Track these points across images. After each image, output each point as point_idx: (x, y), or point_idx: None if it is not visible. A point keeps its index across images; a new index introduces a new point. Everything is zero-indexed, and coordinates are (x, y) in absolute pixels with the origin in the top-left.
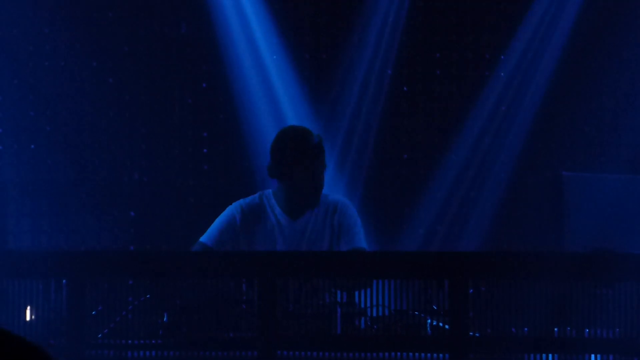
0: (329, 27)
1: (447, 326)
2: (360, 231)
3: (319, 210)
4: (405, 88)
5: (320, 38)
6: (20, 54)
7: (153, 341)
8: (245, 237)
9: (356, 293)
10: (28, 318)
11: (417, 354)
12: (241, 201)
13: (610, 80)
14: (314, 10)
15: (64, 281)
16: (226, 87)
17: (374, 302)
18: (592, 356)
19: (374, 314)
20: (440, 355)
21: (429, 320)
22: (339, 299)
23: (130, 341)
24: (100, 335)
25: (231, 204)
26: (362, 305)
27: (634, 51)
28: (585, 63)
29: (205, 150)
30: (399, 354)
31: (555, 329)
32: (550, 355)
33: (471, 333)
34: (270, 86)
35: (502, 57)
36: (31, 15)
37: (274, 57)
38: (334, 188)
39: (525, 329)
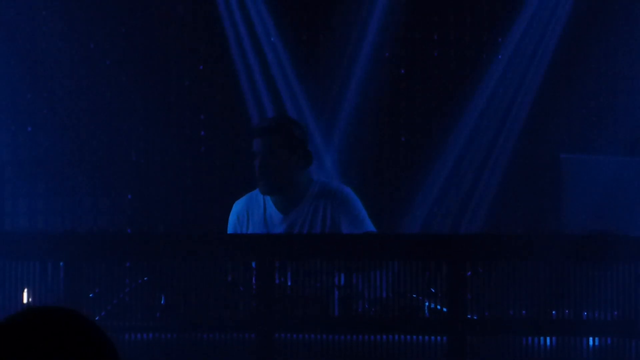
0: (327, 8)
1: (444, 309)
2: (365, 217)
3: (310, 202)
4: (402, 70)
5: (317, 19)
6: (18, 35)
7: (150, 323)
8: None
9: (354, 275)
10: (25, 300)
11: (414, 337)
12: (237, 202)
13: (607, 62)
14: None
15: (61, 263)
16: (223, 69)
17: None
18: (590, 338)
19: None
20: (438, 337)
21: (427, 303)
22: (336, 282)
23: (127, 323)
24: (97, 318)
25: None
26: (360, 288)
27: (631, 33)
28: (583, 45)
29: (202, 132)
30: (396, 336)
31: (553, 312)
32: (548, 338)
33: (469, 315)
34: (267, 68)
35: (499, 39)
36: None
37: (272, 39)
38: (331, 170)
39: (523, 311)
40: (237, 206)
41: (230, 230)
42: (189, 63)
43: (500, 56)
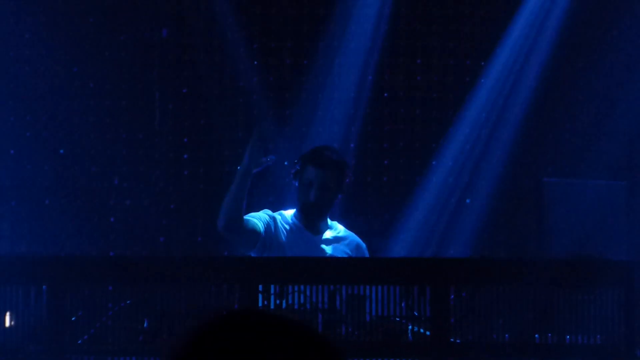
0: (310, 32)
1: (428, 332)
2: None
3: (338, 234)
4: (386, 94)
5: (301, 44)
6: (1, 59)
7: (133, 347)
8: (276, 239)
9: (337, 299)
10: (8, 324)
11: None
12: (269, 210)
13: (589, 87)
14: (295, 16)
15: (44, 287)
16: (207, 93)
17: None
18: None
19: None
20: None
21: (410, 327)
22: (320, 305)
23: (110, 347)
24: (80, 342)
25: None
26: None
27: (612, 59)
28: (565, 71)
29: (185, 155)
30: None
31: (537, 335)
32: None
33: (452, 339)
34: (250, 92)
35: (482, 63)
36: (11, 21)
37: (255, 62)
38: None
39: (507, 335)
40: (278, 214)
41: (261, 215)
42: (172, 86)
43: (483, 80)
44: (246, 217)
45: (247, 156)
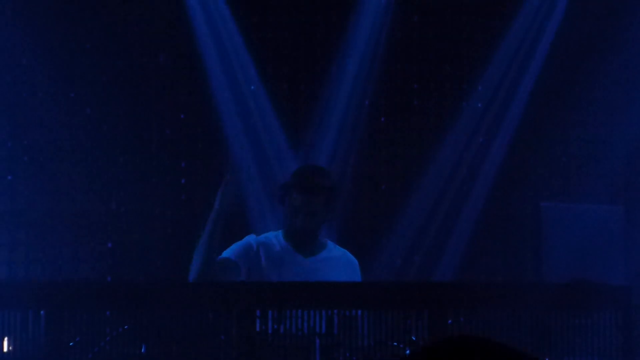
0: (307, 58)
1: None
2: None
3: (330, 254)
4: (382, 119)
5: (298, 69)
6: None
7: None
8: (257, 266)
9: (335, 323)
10: (6, 349)
11: None
12: (253, 235)
13: (586, 110)
14: (292, 42)
15: (41, 312)
16: (204, 118)
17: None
18: None
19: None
20: None
21: (408, 351)
22: (317, 330)
23: None
24: None
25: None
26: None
27: (608, 82)
28: (562, 93)
29: (183, 180)
30: None
31: None
32: None
33: None
34: (248, 117)
35: (479, 87)
36: (9, 45)
37: (252, 87)
38: None
39: None
40: (254, 238)
41: (234, 248)
42: (170, 111)
43: (479, 104)
44: (220, 258)
45: (218, 201)
